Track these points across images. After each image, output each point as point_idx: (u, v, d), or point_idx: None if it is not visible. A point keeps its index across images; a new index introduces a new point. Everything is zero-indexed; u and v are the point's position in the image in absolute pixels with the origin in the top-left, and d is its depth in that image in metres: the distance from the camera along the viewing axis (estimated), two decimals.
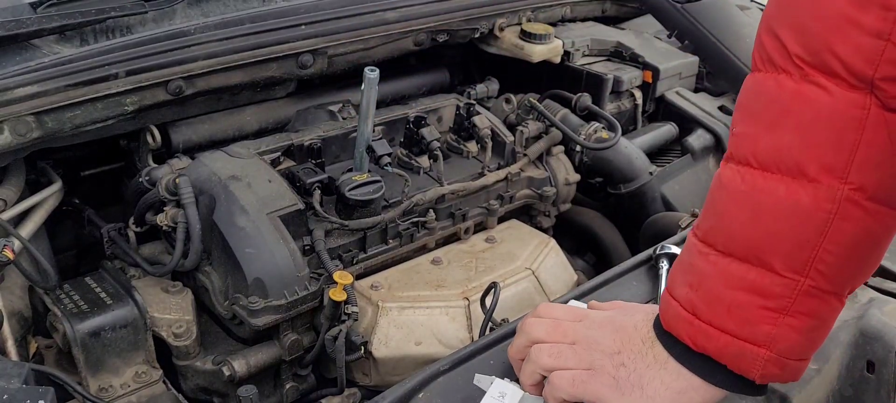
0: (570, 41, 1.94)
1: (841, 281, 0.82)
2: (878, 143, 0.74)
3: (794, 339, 0.83)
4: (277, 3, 1.62)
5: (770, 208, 0.79)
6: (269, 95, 1.64)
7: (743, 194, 0.81)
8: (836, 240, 0.78)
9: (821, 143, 0.76)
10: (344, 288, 1.27)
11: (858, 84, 0.73)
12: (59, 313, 1.30)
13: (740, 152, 0.82)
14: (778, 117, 0.78)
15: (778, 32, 0.77)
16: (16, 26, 1.33)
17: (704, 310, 0.85)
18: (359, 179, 1.41)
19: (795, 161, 0.77)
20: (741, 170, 0.81)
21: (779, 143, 0.78)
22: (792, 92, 0.76)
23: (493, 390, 1.05)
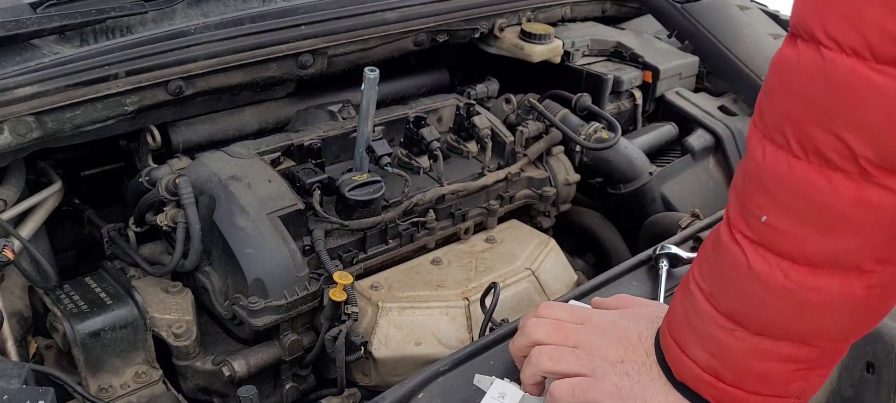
0: (570, 41, 1.94)
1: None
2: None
3: (820, 383, 0.81)
4: (277, 3, 1.62)
5: (820, 304, 0.75)
6: (269, 95, 1.64)
7: (787, 291, 0.75)
8: (882, 312, 0.77)
9: (882, 243, 0.71)
10: (344, 289, 1.27)
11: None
12: (59, 313, 1.30)
13: (782, 248, 0.74)
14: (834, 223, 0.71)
15: (839, 132, 0.68)
16: (16, 26, 1.33)
17: (730, 377, 0.82)
18: (359, 179, 1.41)
19: (853, 261, 0.72)
20: (783, 265, 0.75)
21: (835, 248, 0.72)
22: (853, 197, 0.69)
23: (493, 390, 1.05)
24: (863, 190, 0.68)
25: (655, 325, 0.92)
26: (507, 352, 1.13)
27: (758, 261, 0.76)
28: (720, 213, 1.51)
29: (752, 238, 0.77)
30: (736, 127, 1.99)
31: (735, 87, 2.01)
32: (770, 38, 2.10)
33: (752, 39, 2.05)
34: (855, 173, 0.68)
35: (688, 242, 1.45)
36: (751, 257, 0.76)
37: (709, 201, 1.87)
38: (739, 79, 1.99)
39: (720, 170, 1.98)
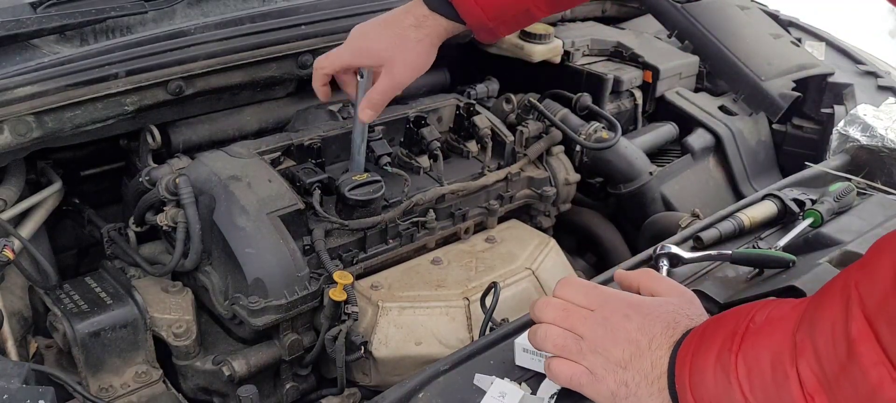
0: (570, 41, 1.94)
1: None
2: None
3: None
4: (277, 3, 1.62)
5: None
6: (269, 95, 1.64)
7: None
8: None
9: None
10: (344, 288, 1.27)
11: None
12: (59, 313, 1.30)
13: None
14: None
15: None
16: (16, 26, 1.33)
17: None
18: (359, 179, 1.41)
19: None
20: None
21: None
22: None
23: (493, 390, 1.05)
24: None
25: (671, 332, 0.86)
26: (508, 352, 1.13)
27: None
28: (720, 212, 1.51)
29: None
30: (736, 127, 1.99)
31: (735, 87, 2.01)
32: (770, 37, 2.10)
33: (752, 39, 2.06)
34: None
35: (688, 242, 1.45)
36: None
37: (709, 201, 1.88)
38: (739, 79, 1.98)
39: (720, 170, 1.98)
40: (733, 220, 1.46)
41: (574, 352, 0.91)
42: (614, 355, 0.87)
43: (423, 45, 1.33)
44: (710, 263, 1.38)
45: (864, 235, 1.40)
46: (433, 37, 1.34)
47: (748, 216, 1.48)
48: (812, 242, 1.42)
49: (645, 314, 0.89)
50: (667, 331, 0.86)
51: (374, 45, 1.33)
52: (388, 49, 1.32)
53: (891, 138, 1.72)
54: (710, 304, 1.28)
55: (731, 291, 1.31)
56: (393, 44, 1.32)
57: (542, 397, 1.06)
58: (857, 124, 1.80)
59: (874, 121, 1.78)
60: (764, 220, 1.50)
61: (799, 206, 1.51)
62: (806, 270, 1.30)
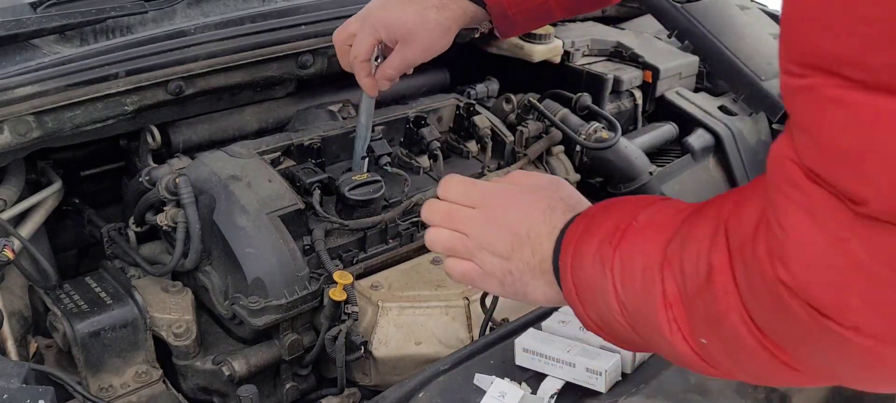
0: (570, 41, 1.94)
1: None
2: None
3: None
4: (277, 3, 1.62)
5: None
6: (269, 95, 1.64)
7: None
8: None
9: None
10: (344, 288, 1.27)
11: None
12: (59, 313, 1.30)
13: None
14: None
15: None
16: (16, 26, 1.33)
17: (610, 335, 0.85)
18: (359, 179, 1.41)
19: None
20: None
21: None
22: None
23: (493, 390, 1.05)
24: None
25: (548, 218, 0.89)
26: (508, 352, 1.13)
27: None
28: None
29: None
30: (736, 127, 1.99)
31: (735, 87, 2.01)
32: (770, 37, 2.10)
33: (752, 39, 2.05)
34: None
35: None
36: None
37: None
38: (739, 79, 1.98)
39: (720, 170, 1.98)
40: None
41: (462, 251, 0.94)
42: (497, 248, 0.91)
43: (442, 27, 1.29)
44: None
45: None
46: (454, 20, 1.30)
47: None
48: None
49: (520, 205, 0.92)
50: (544, 218, 0.90)
51: (394, 20, 1.28)
52: (408, 25, 1.28)
53: None
54: None
55: None
56: (413, 21, 1.28)
57: (542, 397, 1.06)
58: None
59: None
60: None
61: None
62: None
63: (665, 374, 1.08)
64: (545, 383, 1.08)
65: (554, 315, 1.18)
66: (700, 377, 1.07)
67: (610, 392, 1.07)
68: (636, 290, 0.77)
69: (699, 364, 0.75)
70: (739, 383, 1.06)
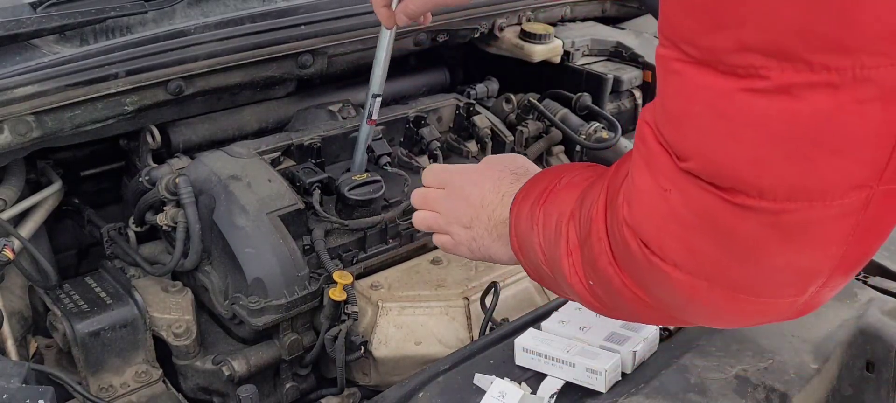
0: (570, 41, 1.94)
1: None
2: None
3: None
4: (277, 3, 1.62)
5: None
6: (268, 95, 1.64)
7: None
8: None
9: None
10: (344, 288, 1.27)
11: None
12: (59, 313, 1.30)
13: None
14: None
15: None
16: (16, 26, 1.33)
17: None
18: (359, 179, 1.41)
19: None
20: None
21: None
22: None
23: (493, 390, 1.05)
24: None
25: (498, 187, 1.04)
26: (508, 352, 1.13)
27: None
28: None
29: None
30: None
31: None
32: None
33: None
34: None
35: None
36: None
37: None
38: None
39: None
40: None
41: (438, 227, 1.11)
42: (462, 218, 1.07)
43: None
44: None
45: None
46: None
47: None
48: None
49: (474, 180, 1.08)
50: (494, 188, 1.04)
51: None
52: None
53: None
54: None
55: None
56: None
57: (542, 397, 1.06)
58: None
59: None
60: None
61: None
62: None
63: (665, 374, 1.08)
64: (545, 383, 1.08)
65: (553, 315, 1.18)
66: (700, 377, 1.07)
67: (610, 392, 1.07)
68: (551, 241, 0.91)
69: (593, 304, 0.89)
70: (739, 383, 1.06)
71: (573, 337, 1.12)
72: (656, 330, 1.15)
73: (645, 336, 1.12)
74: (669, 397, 1.04)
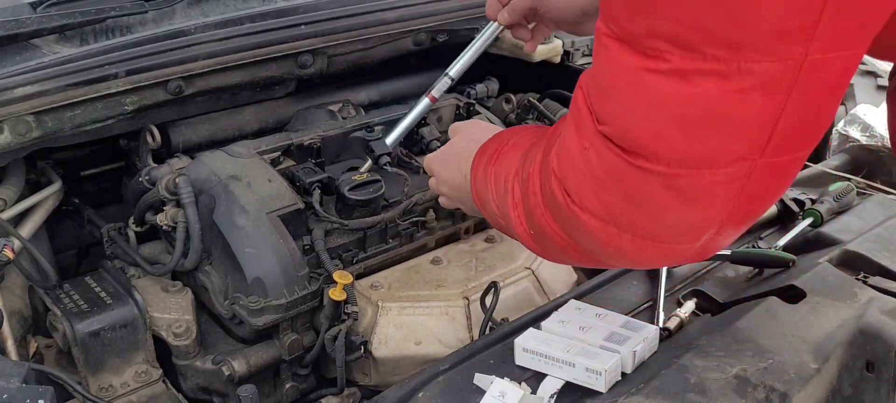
0: (570, 41, 1.94)
1: None
2: None
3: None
4: (277, 3, 1.62)
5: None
6: (268, 95, 1.64)
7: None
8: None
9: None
10: (344, 288, 1.27)
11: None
12: (59, 313, 1.30)
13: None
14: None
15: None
16: (16, 26, 1.33)
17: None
18: (359, 179, 1.41)
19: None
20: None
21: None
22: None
23: (493, 390, 1.05)
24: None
25: (470, 146, 1.17)
26: (508, 352, 1.13)
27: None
28: None
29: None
30: None
31: None
32: None
33: None
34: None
35: None
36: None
37: None
38: None
39: None
40: None
41: (436, 189, 1.30)
42: (451, 181, 1.24)
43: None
44: (710, 263, 1.38)
45: (864, 234, 1.40)
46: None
47: None
48: (812, 242, 1.42)
49: (454, 148, 1.24)
50: (468, 154, 1.17)
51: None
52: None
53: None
54: (709, 304, 1.29)
55: (731, 291, 1.32)
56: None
57: (542, 397, 1.06)
58: (857, 124, 1.80)
59: (874, 120, 1.78)
60: (764, 220, 1.50)
61: (799, 206, 1.51)
62: (806, 270, 1.30)
63: (665, 374, 1.08)
64: (545, 383, 1.08)
65: (553, 315, 1.18)
66: (700, 377, 1.07)
67: (610, 391, 1.07)
68: (501, 196, 1.03)
69: (536, 250, 1.02)
70: (739, 383, 1.06)
71: (573, 337, 1.12)
72: (656, 330, 1.15)
73: (645, 337, 1.12)
74: (669, 397, 1.04)
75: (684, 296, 1.28)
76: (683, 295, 1.29)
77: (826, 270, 1.30)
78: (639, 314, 1.26)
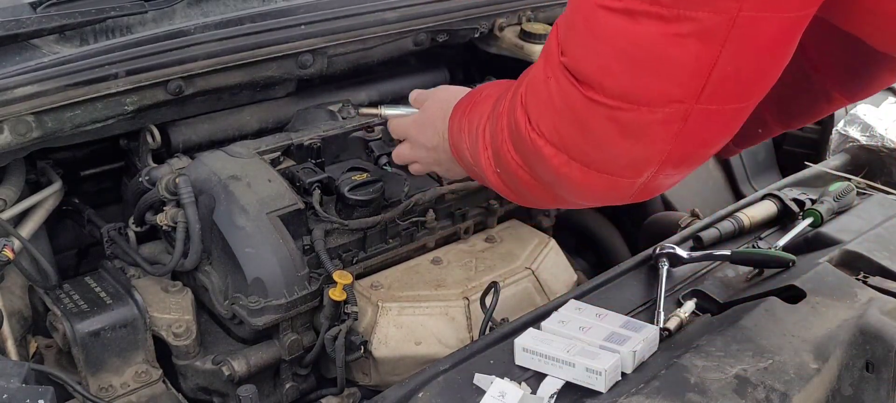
0: None
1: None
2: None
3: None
4: (277, 3, 1.62)
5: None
6: (268, 95, 1.64)
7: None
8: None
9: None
10: (344, 288, 1.27)
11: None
12: (59, 313, 1.30)
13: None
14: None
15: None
16: (16, 26, 1.33)
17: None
18: (359, 179, 1.41)
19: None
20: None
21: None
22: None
23: (493, 390, 1.05)
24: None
25: (444, 113, 1.23)
26: (508, 352, 1.13)
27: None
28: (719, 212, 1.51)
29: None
30: None
31: None
32: None
33: None
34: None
35: (688, 242, 1.45)
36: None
37: (708, 200, 1.87)
38: None
39: (720, 170, 1.98)
40: (733, 220, 1.46)
41: (411, 156, 1.37)
42: (428, 142, 1.31)
43: None
44: (710, 263, 1.38)
45: (864, 234, 1.40)
46: None
47: (748, 216, 1.48)
48: (812, 242, 1.42)
49: (432, 116, 1.29)
50: (444, 114, 1.24)
51: None
52: None
53: (890, 138, 1.72)
54: (709, 304, 1.29)
55: (731, 291, 1.32)
56: None
57: (542, 397, 1.06)
58: (857, 124, 1.80)
59: (874, 120, 1.78)
60: (764, 220, 1.50)
61: (799, 206, 1.51)
62: (806, 270, 1.30)
63: (665, 374, 1.08)
64: (545, 383, 1.08)
65: (553, 315, 1.18)
66: (700, 377, 1.07)
67: (610, 391, 1.07)
68: (473, 141, 1.11)
69: (503, 190, 1.11)
70: (739, 383, 1.06)
71: (573, 337, 1.12)
72: (656, 330, 1.16)
73: (645, 337, 1.12)
74: (669, 397, 1.04)
75: (684, 296, 1.28)
76: (683, 295, 1.29)
77: (826, 270, 1.30)
78: (639, 314, 1.26)
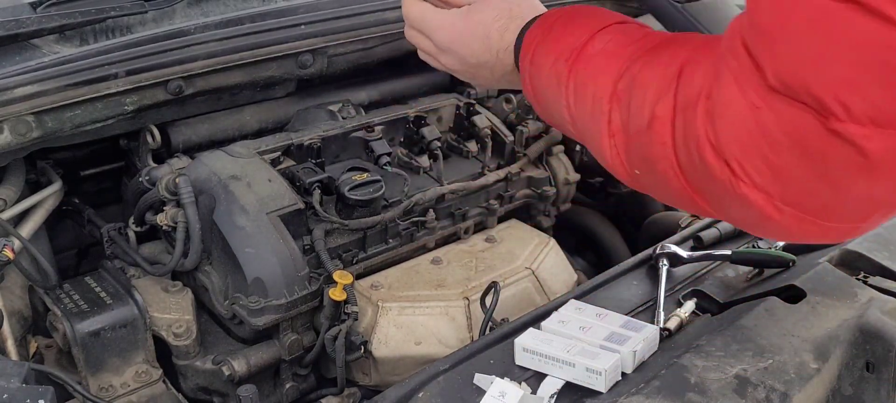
0: None
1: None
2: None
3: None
4: (277, 3, 1.62)
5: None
6: (268, 95, 1.64)
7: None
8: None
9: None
10: (344, 288, 1.27)
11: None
12: (59, 313, 1.30)
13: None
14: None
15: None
16: (16, 26, 1.33)
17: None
18: (359, 179, 1.41)
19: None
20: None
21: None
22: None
23: (493, 390, 1.05)
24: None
25: (508, 23, 1.00)
26: (508, 352, 1.13)
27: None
28: None
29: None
30: None
31: None
32: None
33: None
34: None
35: (688, 241, 1.45)
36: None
37: None
38: None
39: None
40: None
41: (447, 65, 1.11)
42: (472, 56, 1.05)
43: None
44: (710, 263, 1.38)
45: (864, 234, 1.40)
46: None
47: None
48: None
49: (485, 24, 1.03)
50: (506, 25, 1.01)
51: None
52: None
53: None
54: (710, 304, 1.29)
55: (732, 291, 1.32)
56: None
57: (542, 397, 1.06)
58: None
59: None
60: None
61: None
62: (806, 270, 1.30)
63: (665, 374, 1.08)
64: (545, 383, 1.08)
65: (553, 315, 1.18)
66: (700, 377, 1.07)
67: (610, 391, 1.07)
68: (585, 113, 0.88)
69: (630, 183, 0.88)
70: (739, 383, 1.06)
71: (573, 337, 1.12)
72: (656, 330, 1.16)
73: (645, 336, 1.12)
74: (669, 397, 1.04)
75: (684, 296, 1.28)
76: (683, 295, 1.29)
77: (826, 270, 1.30)
78: (639, 314, 1.26)
